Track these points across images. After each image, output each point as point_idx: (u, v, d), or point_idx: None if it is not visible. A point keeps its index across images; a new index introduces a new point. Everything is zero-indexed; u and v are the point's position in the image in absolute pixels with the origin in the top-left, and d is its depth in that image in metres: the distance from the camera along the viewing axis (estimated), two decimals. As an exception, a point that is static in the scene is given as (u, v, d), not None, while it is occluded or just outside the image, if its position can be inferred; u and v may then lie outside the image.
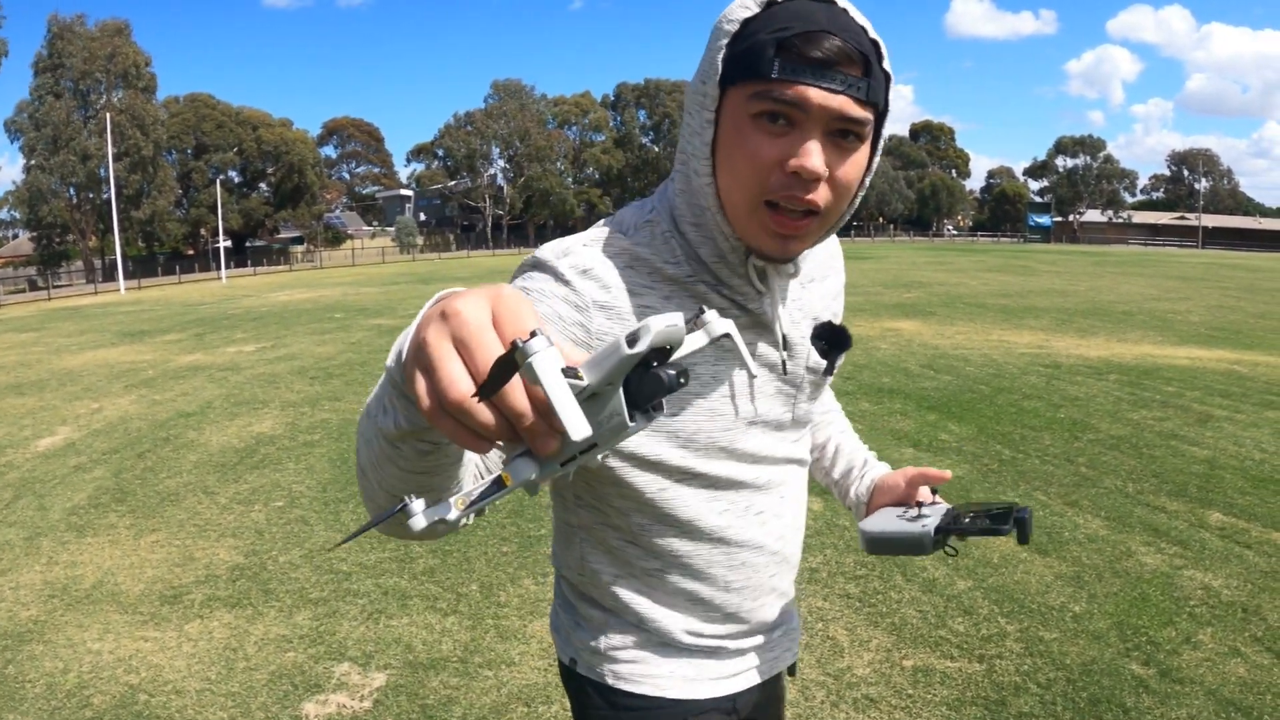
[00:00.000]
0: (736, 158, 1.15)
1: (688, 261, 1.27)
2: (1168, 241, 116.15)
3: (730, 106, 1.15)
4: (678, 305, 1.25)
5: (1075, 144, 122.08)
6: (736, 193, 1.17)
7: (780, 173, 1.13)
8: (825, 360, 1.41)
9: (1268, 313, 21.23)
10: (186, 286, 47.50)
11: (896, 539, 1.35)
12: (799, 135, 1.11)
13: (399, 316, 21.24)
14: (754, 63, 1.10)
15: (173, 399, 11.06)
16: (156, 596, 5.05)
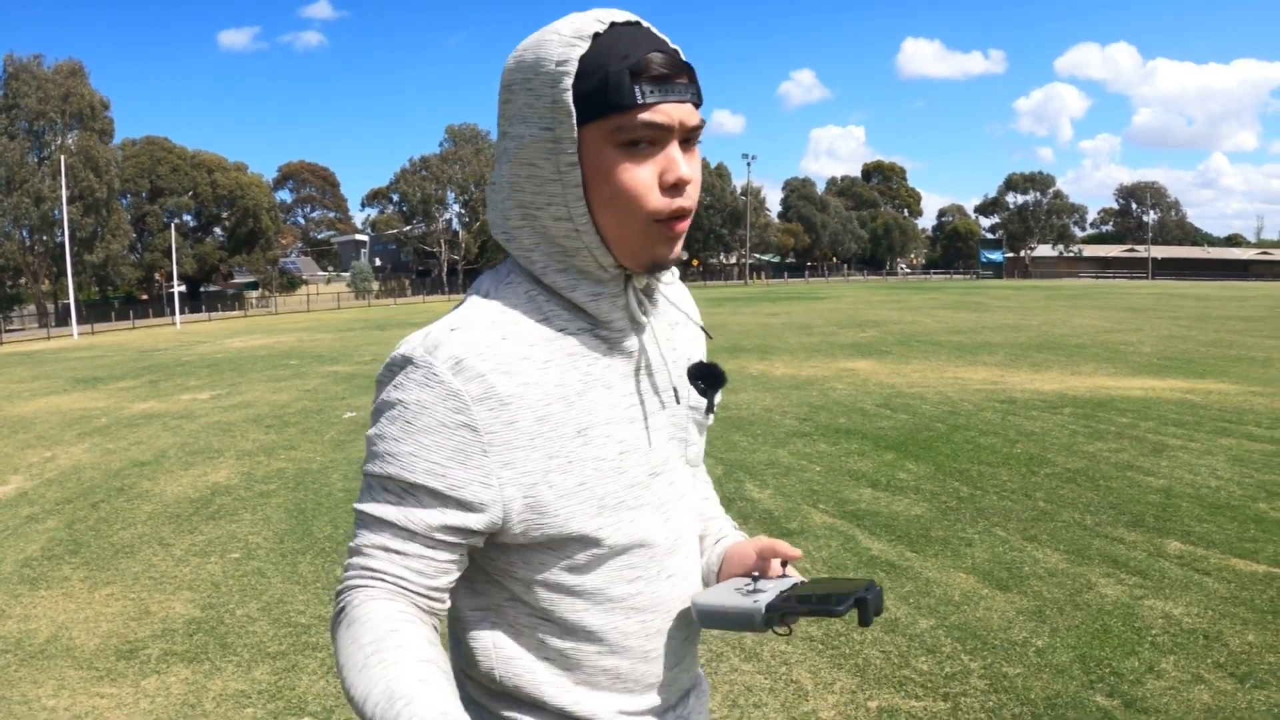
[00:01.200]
0: (617, 190, 1.15)
1: (557, 315, 1.23)
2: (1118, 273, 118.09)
3: (590, 145, 1.14)
4: (559, 365, 1.20)
5: (1025, 180, 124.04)
6: (624, 222, 1.17)
7: (656, 190, 1.15)
8: (704, 398, 1.38)
9: (1218, 340, 21.55)
10: (140, 332, 47.07)
11: (726, 613, 1.28)
12: (663, 152, 1.15)
13: (355, 363, 21.14)
14: (614, 95, 1.10)
15: (126, 448, 10.92)
16: (112, 651, 4.95)
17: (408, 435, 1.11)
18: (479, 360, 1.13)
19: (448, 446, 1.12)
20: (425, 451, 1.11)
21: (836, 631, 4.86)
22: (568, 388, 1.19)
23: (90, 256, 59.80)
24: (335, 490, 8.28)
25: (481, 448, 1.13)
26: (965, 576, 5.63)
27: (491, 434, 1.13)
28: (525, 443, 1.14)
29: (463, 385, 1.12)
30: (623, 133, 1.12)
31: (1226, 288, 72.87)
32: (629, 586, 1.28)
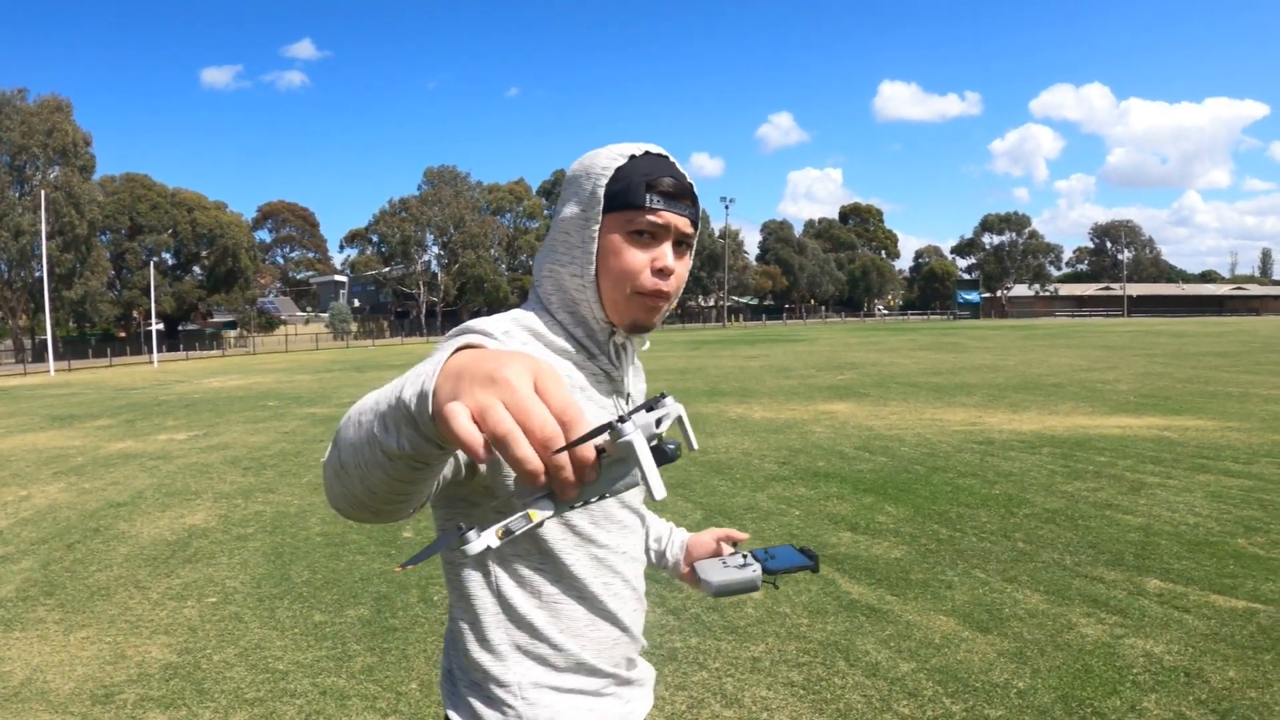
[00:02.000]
0: (618, 263, 1.57)
1: (562, 342, 1.60)
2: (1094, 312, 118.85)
3: (609, 228, 1.57)
4: (575, 363, 1.61)
5: (1001, 221, 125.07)
6: (619, 288, 1.58)
7: (648, 271, 1.57)
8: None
9: (1195, 377, 21.70)
10: (118, 370, 46.77)
11: (737, 584, 1.83)
12: (659, 246, 1.58)
13: (333, 405, 21.06)
14: (630, 196, 1.55)
15: (103, 488, 10.83)
16: (87, 696, 4.89)
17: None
18: (521, 334, 1.54)
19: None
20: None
21: (817, 676, 4.85)
22: (576, 381, 1.58)
23: (69, 293, 59.64)
24: (313, 534, 8.23)
25: None
26: (945, 619, 5.62)
27: None
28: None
29: (508, 341, 1.48)
30: (632, 224, 1.55)
31: (1202, 324, 73.48)
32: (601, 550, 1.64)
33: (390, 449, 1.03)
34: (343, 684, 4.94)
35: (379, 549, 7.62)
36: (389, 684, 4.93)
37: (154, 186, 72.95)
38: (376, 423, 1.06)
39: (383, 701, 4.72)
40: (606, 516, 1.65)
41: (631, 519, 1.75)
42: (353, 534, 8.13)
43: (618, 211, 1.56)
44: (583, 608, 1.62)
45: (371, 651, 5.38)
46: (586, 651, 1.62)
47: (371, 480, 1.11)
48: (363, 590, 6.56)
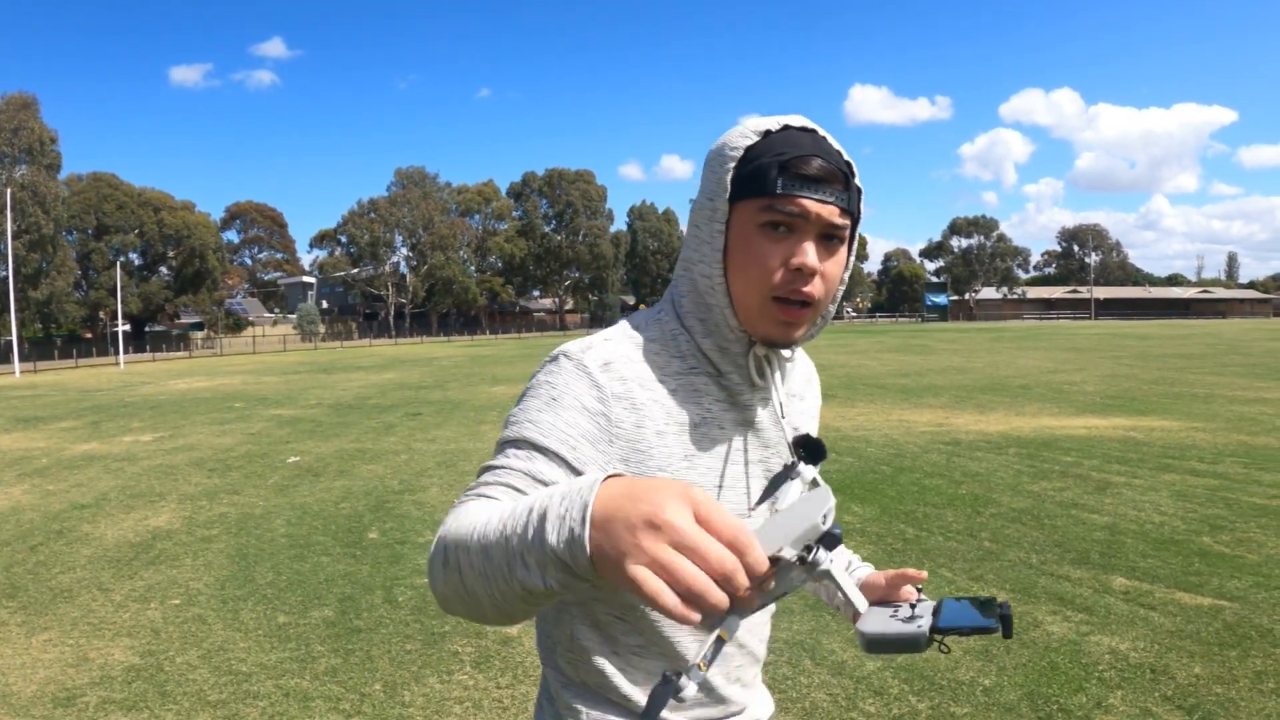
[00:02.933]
0: (749, 261, 1.34)
1: (691, 355, 1.43)
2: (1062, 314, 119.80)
3: (739, 219, 1.35)
4: (684, 395, 1.40)
5: (969, 224, 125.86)
6: (749, 290, 1.35)
7: (785, 271, 1.32)
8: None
9: (1160, 378, 21.90)
10: (83, 371, 46.38)
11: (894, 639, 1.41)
12: (797, 240, 1.32)
13: (300, 406, 20.96)
14: (761, 181, 1.31)
15: (67, 490, 10.72)
16: (49, 699, 4.83)
17: (551, 409, 1.29)
18: (624, 367, 1.36)
19: (584, 425, 1.29)
20: (563, 424, 1.27)
21: (783, 675, 4.85)
22: (686, 416, 1.39)
23: (34, 293, 59.07)
24: (278, 536, 8.16)
25: (610, 436, 1.31)
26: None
27: (621, 429, 1.32)
28: (644, 447, 1.34)
29: (607, 381, 1.33)
30: (765, 214, 1.31)
31: (1168, 326, 74.25)
32: None
33: (535, 588, 0.99)
34: (306, 685, 4.90)
35: (344, 550, 7.57)
36: (353, 685, 4.89)
37: (121, 186, 72.42)
38: (515, 562, 1.00)
39: (346, 703, 4.68)
40: None
41: None
42: (317, 536, 8.08)
43: (748, 199, 1.33)
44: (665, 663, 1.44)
45: (335, 653, 5.34)
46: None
47: (509, 608, 1.07)
48: (327, 591, 6.51)
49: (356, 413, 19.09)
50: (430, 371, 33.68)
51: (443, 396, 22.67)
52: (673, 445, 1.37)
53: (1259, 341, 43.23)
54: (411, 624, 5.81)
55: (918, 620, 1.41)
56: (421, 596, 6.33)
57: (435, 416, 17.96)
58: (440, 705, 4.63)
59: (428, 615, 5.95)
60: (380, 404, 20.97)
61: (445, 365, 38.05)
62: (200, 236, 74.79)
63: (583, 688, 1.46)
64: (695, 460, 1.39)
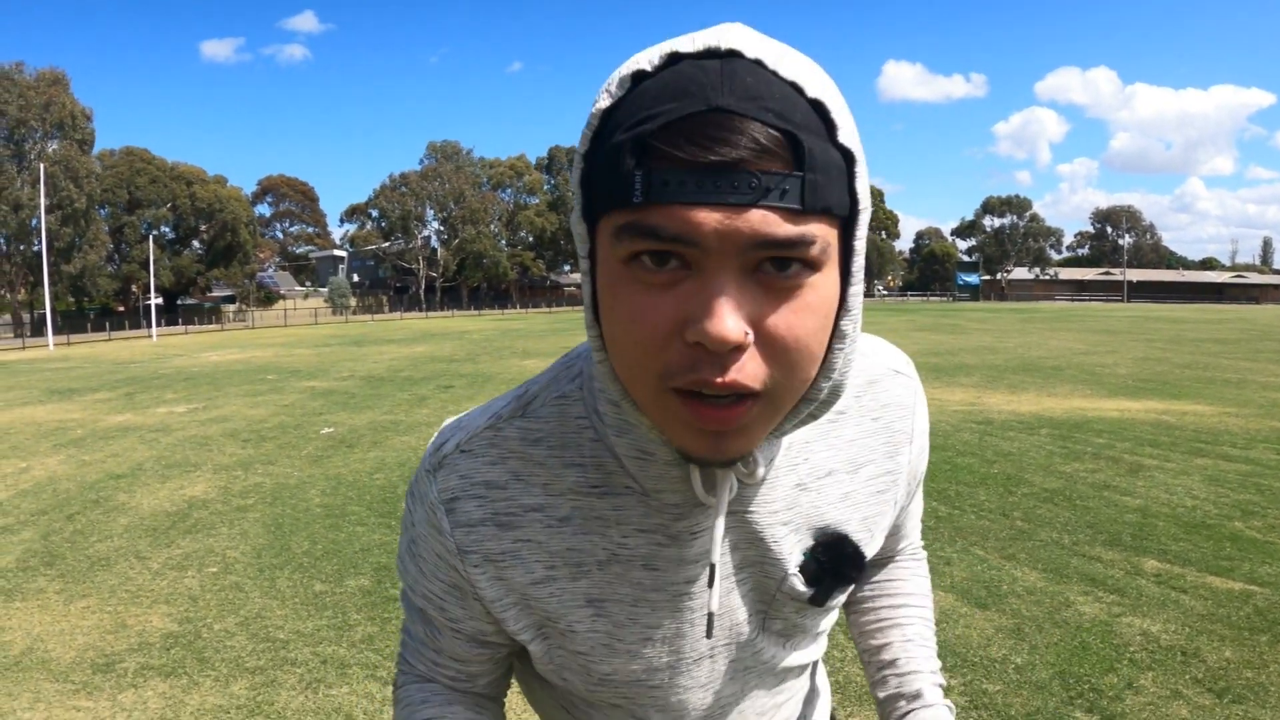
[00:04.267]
0: (616, 326, 0.76)
1: (595, 465, 0.95)
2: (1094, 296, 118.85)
3: (601, 248, 0.76)
4: (573, 532, 0.95)
5: (1002, 204, 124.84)
6: (631, 376, 0.78)
7: (680, 343, 0.72)
8: (809, 588, 1.02)
9: (1193, 363, 21.70)
10: (116, 344, 46.75)
11: None
12: (696, 283, 0.71)
13: (332, 379, 21.08)
14: (614, 181, 0.72)
15: (102, 460, 10.85)
16: (89, 665, 4.91)
17: (412, 559, 1.03)
18: (474, 506, 0.96)
19: (444, 582, 1.00)
20: (425, 580, 1.02)
21: (817, 648, 4.86)
22: (585, 555, 0.96)
23: (67, 267, 59.52)
24: (313, 505, 8.24)
25: (473, 593, 0.99)
26: (944, 595, 5.64)
27: (478, 586, 0.98)
28: (517, 599, 0.98)
29: (451, 528, 0.96)
30: (625, 241, 0.72)
31: (1201, 311, 73.51)
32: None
33: None
34: (343, 653, 4.96)
35: (379, 520, 7.64)
36: (389, 653, 4.95)
37: (153, 160, 72.76)
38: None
39: (383, 670, 4.74)
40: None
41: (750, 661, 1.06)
42: (352, 506, 8.15)
43: (604, 216, 0.74)
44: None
45: (372, 621, 5.40)
46: None
47: None
48: (363, 561, 6.58)
49: (389, 385, 19.20)
50: (461, 345, 33.78)
51: (474, 370, 22.75)
52: (565, 592, 0.97)
53: (1294, 326, 42.79)
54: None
55: None
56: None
57: (467, 389, 18.03)
58: (475, 674, 4.68)
59: (461, 586, 6.00)
60: (412, 377, 21.06)
61: (476, 339, 38.15)
62: (232, 210, 75.16)
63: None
64: (606, 608, 0.97)
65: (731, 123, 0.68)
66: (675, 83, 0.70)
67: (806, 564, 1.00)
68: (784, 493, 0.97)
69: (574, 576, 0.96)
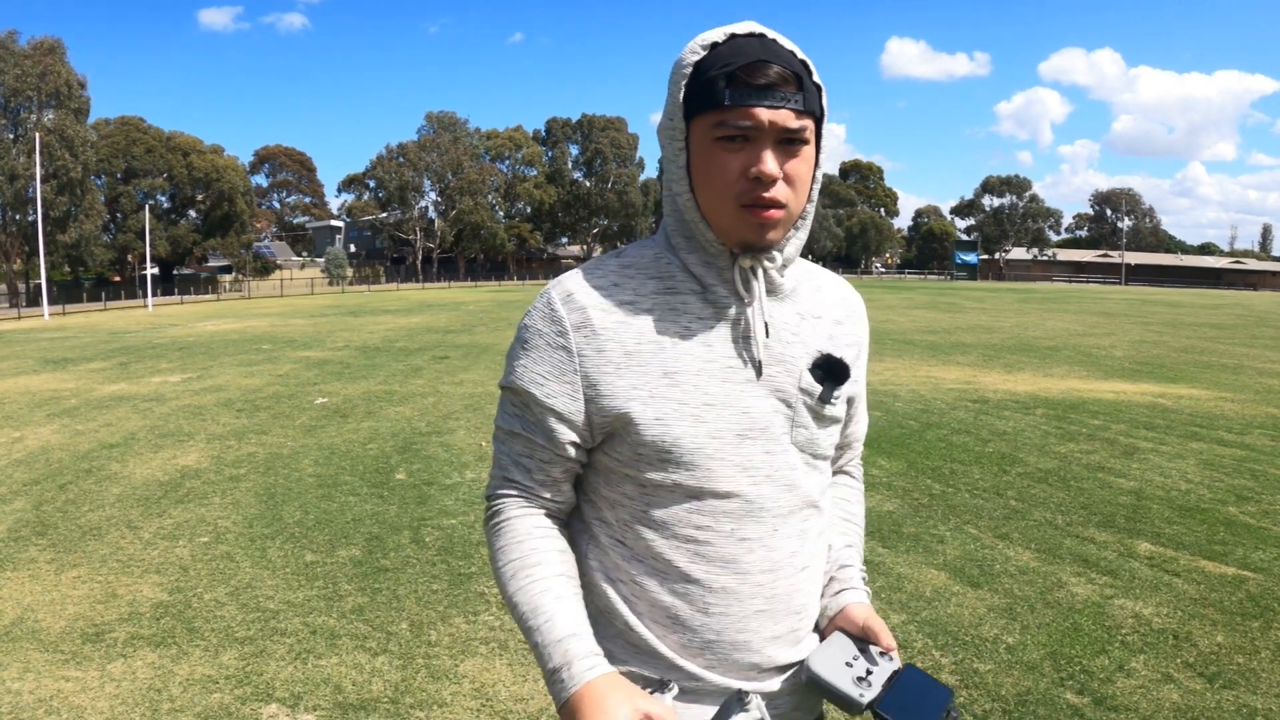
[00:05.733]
0: (709, 176, 1.36)
1: (670, 275, 1.46)
2: (1092, 278, 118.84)
3: (696, 135, 1.37)
4: (660, 314, 1.42)
5: (1002, 184, 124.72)
6: (715, 203, 1.37)
7: (745, 180, 1.34)
8: (820, 385, 1.49)
9: (1190, 347, 21.72)
10: (112, 314, 46.68)
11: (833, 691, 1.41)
12: (754, 149, 1.33)
13: (327, 349, 21.05)
14: (710, 95, 1.33)
15: (95, 429, 10.82)
16: (78, 634, 4.89)
17: (524, 353, 1.45)
18: (585, 296, 1.43)
19: (548, 362, 1.42)
20: (532, 364, 1.43)
21: (808, 625, 4.85)
22: (663, 334, 1.41)
23: (63, 236, 59.29)
24: (305, 475, 8.23)
25: (574, 367, 1.41)
26: (937, 573, 5.64)
27: (583, 357, 1.41)
28: (611, 370, 1.40)
29: (566, 314, 1.42)
30: (718, 129, 1.33)
31: (1199, 295, 73.57)
32: (696, 532, 1.43)
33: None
34: (333, 623, 4.95)
35: (371, 490, 7.63)
36: (379, 624, 4.94)
37: (149, 130, 72.40)
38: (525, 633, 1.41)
39: (373, 641, 4.72)
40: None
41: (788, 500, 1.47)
42: (345, 476, 8.14)
43: (702, 114, 1.35)
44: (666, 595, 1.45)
45: (362, 592, 5.39)
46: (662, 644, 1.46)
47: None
48: (354, 531, 6.56)
49: (384, 355, 19.18)
50: (457, 316, 33.75)
51: (470, 340, 22.73)
52: (648, 363, 1.40)
53: (1291, 311, 42.79)
54: (438, 564, 5.86)
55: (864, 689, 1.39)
56: (448, 537, 6.37)
57: (462, 360, 18.03)
58: (466, 645, 4.67)
59: (454, 556, 5.99)
60: (408, 347, 21.03)
61: (472, 310, 38.11)
62: (229, 180, 74.80)
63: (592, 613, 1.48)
64: (677, 378, 1.40)
65: (769, 67, 1.32)
66: (740, 47, 1.34)
67: (814, 372, 1.49)
68: (792, 316, 1.50)
69: (654, 352, 1.40)
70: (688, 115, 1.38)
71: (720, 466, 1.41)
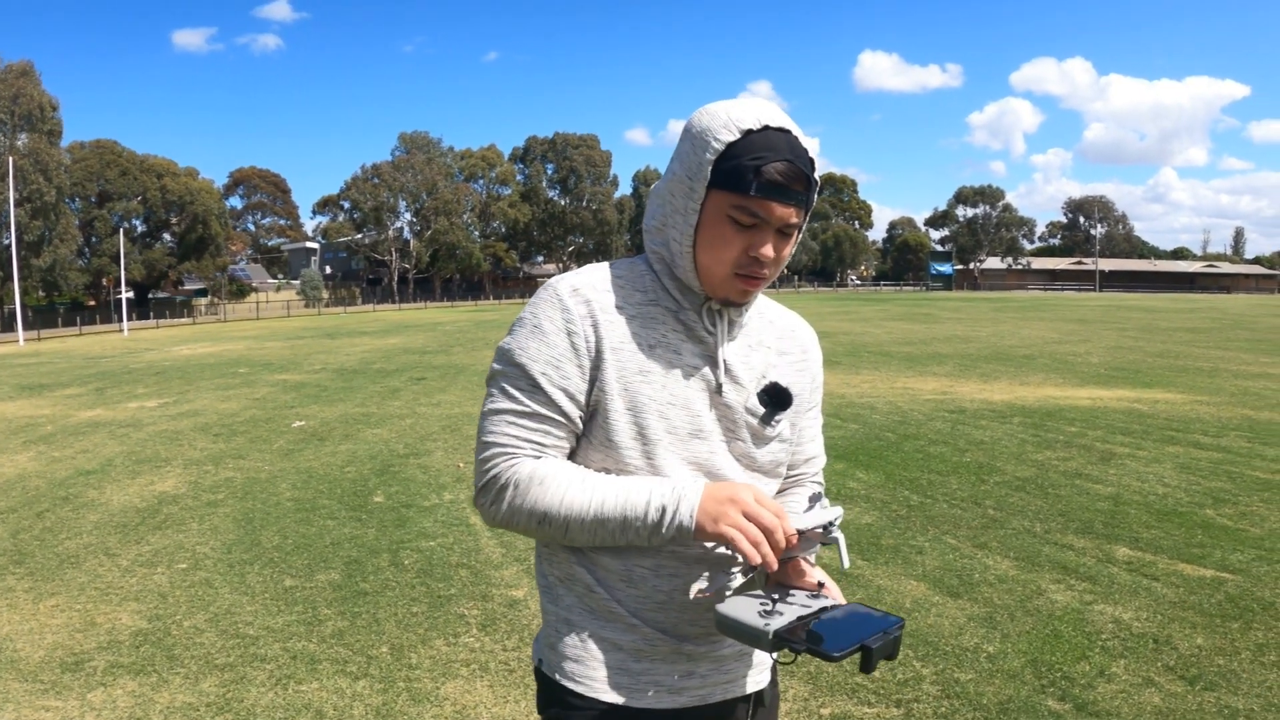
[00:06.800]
0: (715, 245, 1.54)
1: (652, 289, 1.64)
2: (1066, 285, 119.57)
3: (713, 205, 1.53)
4: (642, 320, 1.61)
5: (975, 194, 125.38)
6: (713, 265, 1.56)
7: (745, 256, 1.53)
8: (763, 409, 1.67)
9: (1165, 351, 21.87)
10: (87, 338, 46.42)
11: (739, 627, 1.40)
12: (759, 234, 1.52)
13: (304, 371, 20.97)
14: (737, 180, 1.48)
15: (72, 456, 10.75)
16: (57, 664, 4.85)
17: (536, 336, 1.57)
18: (589, 292, 1.60)
19: (561, 346, 1.56)
20: (548, 348, 1.56)
21: (790, 639, 4.85)
22: (643, 338, 1.59)
23: (37, 261, 58.96)
24: (284, 500, 8.19)
25: (582, 351, 1.56)
26: (916, 584, 5.65)
27: (587, 343, 1.56)
28: (604, 359, 1.56)
29: (574, 304, 1.58)
30: (736, 210, 1.50)
31: (1173, 300, 74.07)
32: None
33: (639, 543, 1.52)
34: (313, 648, 4.92)
35: (350, 514, 7.60)
36: (360, 648, 4.91)
37: (123, 153, 72.13)
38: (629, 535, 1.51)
39: (353, 665, 4.70)
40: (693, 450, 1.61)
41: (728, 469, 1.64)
42: (323, 500, 8.11)
43: (723, 191, 1.51)
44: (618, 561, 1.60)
45: (342, 616, 5.37)
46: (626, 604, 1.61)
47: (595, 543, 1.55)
48: (333, 555, 6.54)
49: (361, 377, 19.11)
50: (434, 337, 33.68)
51: (447, 361, 22.68)
52: (628, 360, 1.57)
53: (1263, 317, 43.09)
54: (417, 587, 5.83)
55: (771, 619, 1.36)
56: (427, 559, 6.35)
57: (439, 381, 17.99)
58: (447, 668, 4.66)
59: (433, 578, 5.98)
60: (384, 369, 20.98)
61: (449, 330, 38.04)
62: (203, 202, 74.54)
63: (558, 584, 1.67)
64: (649, 375, 1.58)
65: (793, 168, 1.48)
66: (770, 141, 1.48)
67: (760, 396, 1.66)
68: (742, 348, 1.68)
69: (635, 351, 1.58)
70: (710, 185, 1.51)
71: (671, 457, 1.58)
